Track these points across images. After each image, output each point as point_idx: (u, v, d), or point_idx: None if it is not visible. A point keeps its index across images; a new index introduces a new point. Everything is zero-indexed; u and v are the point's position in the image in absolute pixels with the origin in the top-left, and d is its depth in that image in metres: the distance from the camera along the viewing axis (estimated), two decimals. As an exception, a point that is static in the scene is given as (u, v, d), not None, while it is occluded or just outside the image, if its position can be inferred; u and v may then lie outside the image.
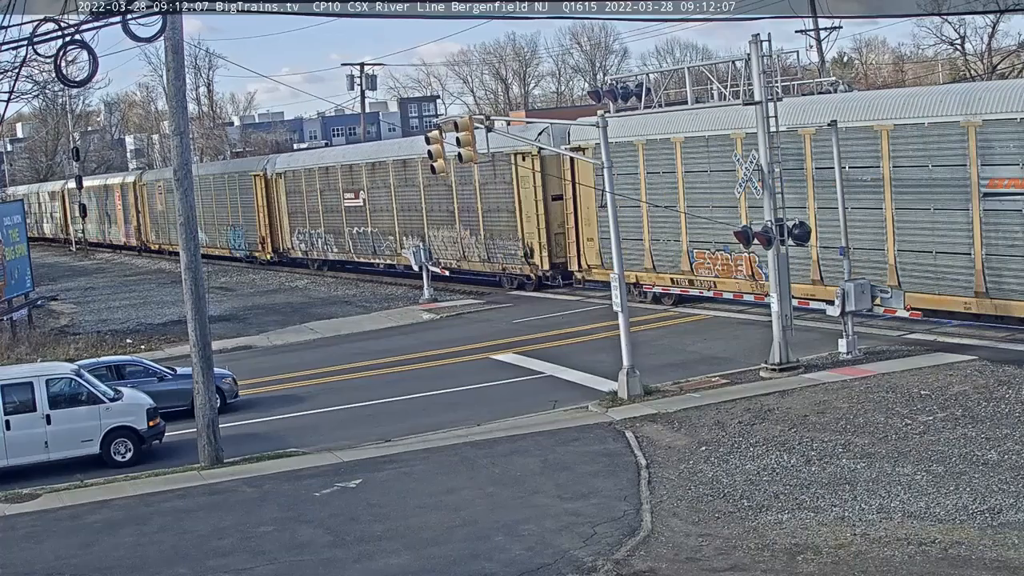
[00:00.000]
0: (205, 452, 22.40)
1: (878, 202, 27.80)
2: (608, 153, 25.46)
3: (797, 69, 44.36)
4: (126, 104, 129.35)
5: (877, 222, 27.93)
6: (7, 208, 43.23)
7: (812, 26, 55.23)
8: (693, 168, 33.06)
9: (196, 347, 22.64)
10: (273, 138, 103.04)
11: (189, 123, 24.89)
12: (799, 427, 20.86)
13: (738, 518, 16.62)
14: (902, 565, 14.33)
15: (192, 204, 23.03)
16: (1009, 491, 16.58)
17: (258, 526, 18.18)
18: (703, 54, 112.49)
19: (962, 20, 58.71)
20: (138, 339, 38.06)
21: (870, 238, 28.09)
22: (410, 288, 45.18)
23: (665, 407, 23.19)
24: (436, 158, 27.02)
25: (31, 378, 23.18)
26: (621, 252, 25.38)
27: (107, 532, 18.65)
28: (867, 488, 17.31)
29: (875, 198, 27.82)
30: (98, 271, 68.37)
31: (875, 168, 27.74)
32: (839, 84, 36.28)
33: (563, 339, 32.31)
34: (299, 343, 36.85)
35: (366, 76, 74.87)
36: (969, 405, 21.14)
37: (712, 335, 30.69)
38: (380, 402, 27.07)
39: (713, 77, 28.95)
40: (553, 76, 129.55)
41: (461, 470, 20.33)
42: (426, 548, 16.49)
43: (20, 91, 41.91)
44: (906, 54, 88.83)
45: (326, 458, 21.97)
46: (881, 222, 27.81)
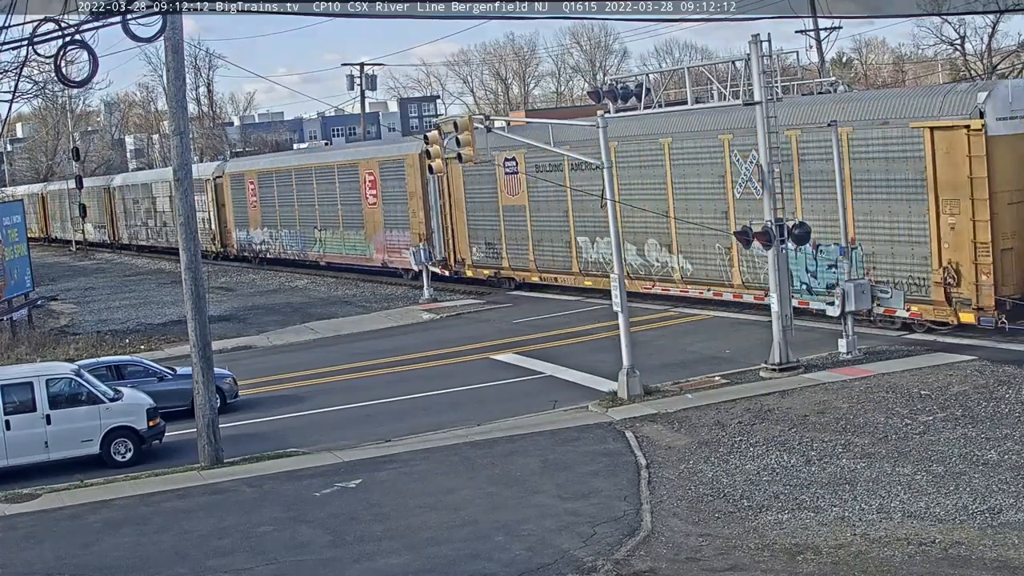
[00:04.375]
0: (205, 452, 22.40)
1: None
2: (608, 153, 25.46)
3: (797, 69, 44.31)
4: (126, 104, 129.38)
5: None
6: (7, 208, 43.21)
7: (812, 26, 55.23)
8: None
9: (196, 347, 22.64)
10: (273, 138, 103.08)
11: (189, 123, 24.87)
12: (799, 427, 20.86)
13: (738, 518, 16.62)
14: (902, 565, 14.33)
15: (192, 204, 23.08)
16: (1009, 491, 16.58)
17: (258, 526, 18.18)
18: (703, 54, 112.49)
19: (962, 20, 58.73)
20: (138, 339, 38.06)
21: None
22: (410, 288, 45.21)
23: (665, 407, 23.19)
24: (434, 158, 27.14)
25: (31, 378, 23.18)
26: (621, 252, 25.37)
27: (107, 532, 18.65)
28: (867, 488, 17.31)
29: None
30: (98, 271, 68.40)
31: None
32: (839, 84, 36.29)
33: (563, 339, 32.31)
34: (299, 343, 36.86)
35: (366, 76, 74.87)
36: (969, 405, 21.15)
37: (712, 335, 30.69)
38: (380, 402, 27.07)
39: (713, 77, 28.94)
40: (553, 76, 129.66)
41: (461, 470, 20.33)
42: (426, 548, 16.49)
43: (20, 91, 41.82)
44: (906, 54, 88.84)
45: (326, 458, 21.97)
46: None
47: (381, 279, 49.18)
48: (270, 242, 59.31)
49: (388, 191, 48.02)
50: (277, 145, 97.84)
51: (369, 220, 49.83)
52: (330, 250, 53.72)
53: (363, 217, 50.19)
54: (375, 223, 49.38)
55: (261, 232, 60.17)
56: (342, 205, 51.98)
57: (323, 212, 53.78)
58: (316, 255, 54.72)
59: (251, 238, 61.31)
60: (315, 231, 54.66)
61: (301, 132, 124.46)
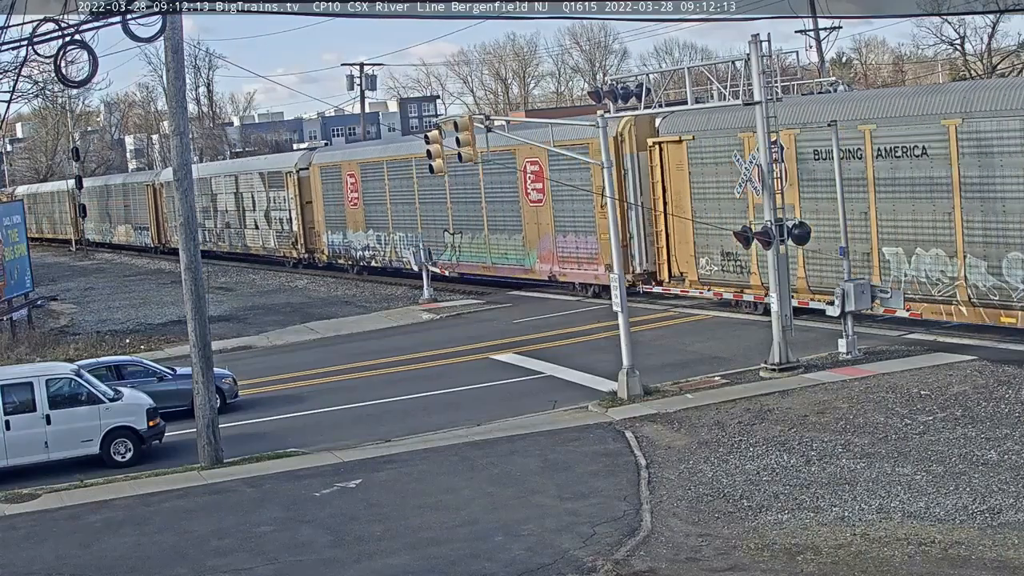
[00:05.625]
0: (205, 452, 22.40)
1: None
2: (607, 154, 25.46)
3: (796, 69, 44.33)
4: (126, 104, 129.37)
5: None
6: (7, 208, 43.23)
7: (812, 26, 55.25)
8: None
9: (196, 347, 22.64)
10: (273, 138, 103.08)
11: (189, 123, 24.88)
12: (799, 427, 20.86)
13: (738, 518, 16.62)
14: (902, 565, 14.33)
15: (192, 204, 23.03)
16: (1009, 491, 16.58)
17: (258, 526, 18.19)
18: (703, 54, 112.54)
19: (962, 20, 58.77)
20: (138, 339, 38.07)
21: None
22: (410, 288, 45.19)
23: (665, 407, 23.19)
24: (435, 158, 27.15)
25: (31, 378, 23.19)
26: (621, 253, 25.37)
27: (107, 532, 18.65)
28: (867, 488, 17.31)
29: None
30: (98, 271, 68.41)
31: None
32: (839, 84, 36.31)
33: (563, 339, 32.31)
34: (299, 343, 36.86)
35: (366, 76, 74.89)
36: (969, 405, 21.15)
37: (712, 335, 30.69)
38: (380, 402, 27.07)
39: (713, 77, 28.93)
40: (553, 76, 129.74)
41: (461, 470, 20.33)
42: (426, 548, 16.50)
43: (20, 91, 41.88)
44: (906, 54, 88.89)
45: (326, 458, 21.96)
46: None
47: (382, 279, 48.97)
48: (377, 248, 49.31)
49: (562, 185, 37.51)
50: (277, 145, 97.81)
51: (531, 222, 39.78)
52: (468, 258, 43.62)
53: (521, 218, 40.10)
54: (540, 226, 39.24)
55: (364, 235, 50.11)
56: (488, 203, 41.84)
57: (458, 212, 43.83)
58: (446, 264, 44.00)
59: (350, 242, 51.32)
60: (445, 235, 44.57)
61: (301, 132, 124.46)
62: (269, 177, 57.41)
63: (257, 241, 59.66)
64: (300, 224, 54.69)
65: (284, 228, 56.09)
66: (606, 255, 34.31)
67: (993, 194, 25.31)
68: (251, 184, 59.29)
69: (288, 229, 55.70)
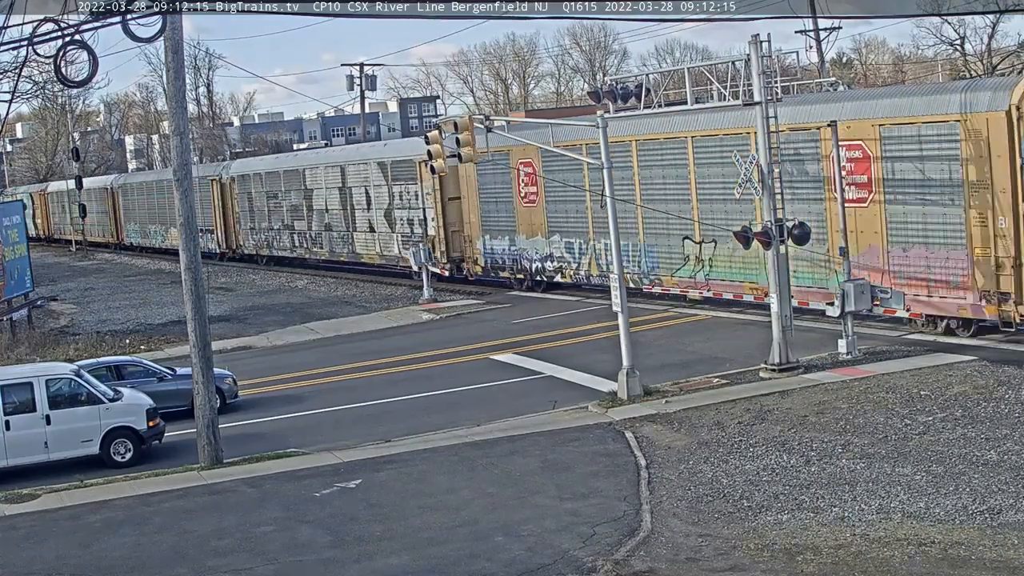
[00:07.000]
0: (205, 452, 22.40)
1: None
2: (607, 154, 25.46)
3: (796, 69, 44.35)
4: (126, 104, 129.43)
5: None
6: (7, 208, 43.24)
7: (812, 26, 55.27)
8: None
9: (196, 347, 22.64)
10: (273, 138, 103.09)
11: (189, 123, 24.88)
12: (799, 427, 20.86)
13: (738, 518, 16.62)
14: (902, 565, 14.33)
15: (192, 204, 23.05)
16: (1009, 491, 16.58)
17: (258, 526, 18.19)
18: (703, 54, 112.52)
19: (962, 20, 58.80)
20: (138, 339, 38.06)
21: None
22: (410, 288, 45.18)
23: (665, 407, 23.19)
24: (436, 158, 27.15)
25: (31, 378, 23.19)
26: (620, 253, 25.37)
27: (107, 532, 18.65)
28: (867, 488, 17.31)
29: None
30: (98, 271, 68.42)
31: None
32: (839, 84, 36.30)
33: (563, 339, 32.31)
34: (299, 343, 36.86)
35: (366, 76, 74.89)
36: (969, 405, 21.15)
37: (712, 335, 30.69)
38: (380, 402, 27.08)
39: (713, 77, 28.92)
40: (553, 76, 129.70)
41: (461, 470, 20.33)
42: (426, 548, 16.50)
43: (20, 91, 41.85)
44: (906, 54, 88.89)
45: (326, 458, 21.96)
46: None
47: (382, 279, 48.87)
48: (566, 258, 38.57)
49: (902, 177, 27.09)
50: (277, 146, 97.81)
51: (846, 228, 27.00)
52: (722, 275, 32.29)
53: (826, 222, 28.95)
54: (861, 233, 27.96)
55: (547, 243, 39.20)
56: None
57: (705, 212, 32.48)
58: (687, 283, 33.52)
59: (521, 251, 40.59)
60: (684, 244, 33.52)
61: (301, 132, 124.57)
62: (393, 167, 46.25)
63: (372, 247, 48.71)
64: (442, 227, 43.81)
65: (415, 231, 45.39)
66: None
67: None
68: (365, 176, 48.44)
69: (420, 232, 44.90)
